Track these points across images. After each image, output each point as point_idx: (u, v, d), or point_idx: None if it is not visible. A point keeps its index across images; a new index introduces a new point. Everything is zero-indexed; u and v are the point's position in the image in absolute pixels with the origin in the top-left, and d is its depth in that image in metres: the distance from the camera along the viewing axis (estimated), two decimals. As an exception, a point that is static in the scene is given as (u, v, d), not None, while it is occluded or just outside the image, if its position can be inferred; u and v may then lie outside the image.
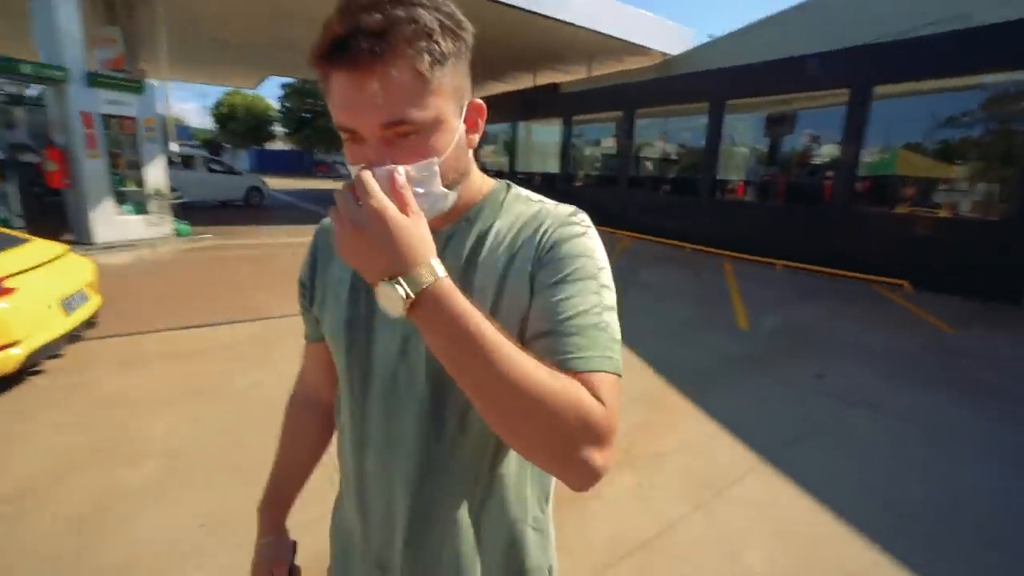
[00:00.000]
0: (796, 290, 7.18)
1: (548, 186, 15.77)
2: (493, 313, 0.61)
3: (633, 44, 14.19)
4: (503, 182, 0.73)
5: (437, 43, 0.52)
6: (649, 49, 14.53)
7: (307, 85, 37.10)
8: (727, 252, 9.56)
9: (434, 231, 0.61)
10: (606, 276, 0.62)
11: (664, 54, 14.40)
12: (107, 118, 7.75)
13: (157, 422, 3.03)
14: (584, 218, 0.66)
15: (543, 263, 0.62)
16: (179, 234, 8.73)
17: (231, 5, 12.82)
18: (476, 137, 0.63)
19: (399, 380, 0.67)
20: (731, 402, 3.64)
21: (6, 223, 6.68)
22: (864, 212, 8.24)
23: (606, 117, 13.53)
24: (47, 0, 7.14)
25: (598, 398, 0.52)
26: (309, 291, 0.79)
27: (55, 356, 3.72)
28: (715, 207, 10.47)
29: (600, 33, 13.27)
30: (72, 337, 3.64)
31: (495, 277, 0.63)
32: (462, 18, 0.56)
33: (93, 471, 2.56)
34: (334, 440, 0.86)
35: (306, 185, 26.70)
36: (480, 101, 0.62)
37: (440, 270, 0.50)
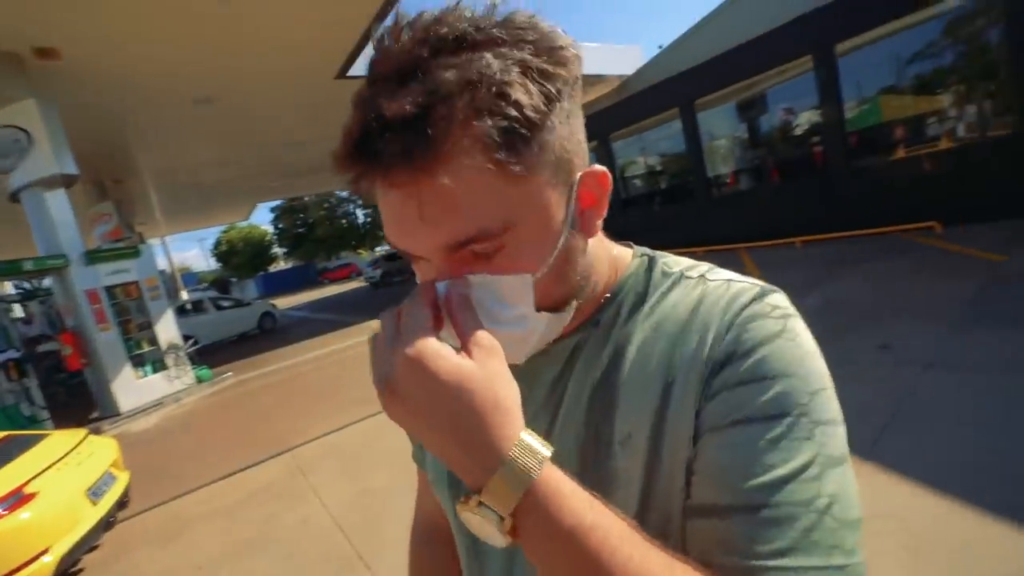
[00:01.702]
0: (827, 262, 6.84)
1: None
2: (650, 471, 0.42)
3: (587, 76, 14.56)
4: (644, 255, 0.52)
5: (517, 104, 0.34)
6: (604, 76, 14.88)
7: (293, 203, 38.74)
8: (740, 245, 9.30)
9: (555, 340, 0.46)
10: (824, 405, 0.39)
11: (620, 76, 14.72)
12: (111, 289, 7.94)
13: (205, 598, 2.78)
14: (779, 301, 0.44)
15: (714, 389, 0.40)
16: (200, 380, 8.71)
17: (203, 150, 13.53)
18: (599, 221, 0.44)
19: (516, 563, 0.49)
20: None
21: (33, 419, 6.70)
22: (865, 165, 8.01)
23: (580, 150, 13.68)
24: (38, 196, 7.50)
25: None
26: None
27: (92, 549, 3.53)
28: (714, 204, 10.32)
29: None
30: (107, 524, 3.45)
31: (648, 415, 0.42)
32: (562, 41, 0.37)
33: None
34: None
35: (315, 295, 27.20)
36: (601, 168, 0.43)
37: (540, 447, 0.34)
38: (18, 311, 12.78)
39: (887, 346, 3.76)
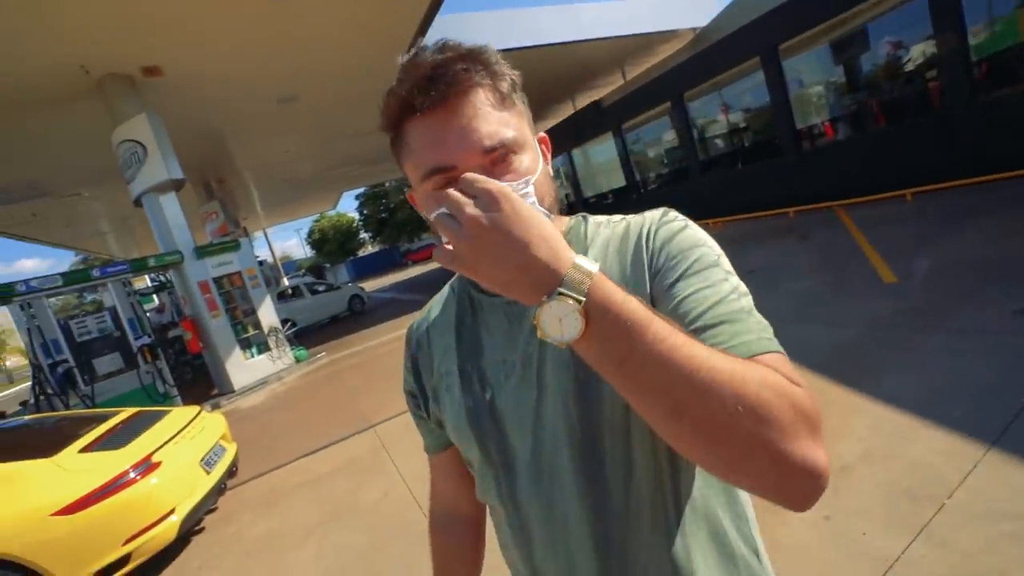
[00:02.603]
0: (945, 216, 5.97)
1: (621, 198, 15.27)
2: None
3: (657, 33, 13.69)
4: (578, 215, 0.69)
5: (508, 76, 0.57)
6: (677, 31, 13.91)
7: (376, 189, 40.56)
8: (837, 202, 8.38)
9: None
10: (728, 264, 0.57)
11: (694, 29, 13.67)
12: (218, 280, 8.83)
13: (300, 558, 3.05)
14: (677, 214, 0.63)
15: (655, 271, 0.57)
16: (298, 360, 9.52)
17: (290, 145, 14.47)
18: (549, 168, 0.63)
19: (543, 459, 0.60)
20: (911, 377, 2.91)
21: (166, 396, 7.69)
22: (997, 98, 6.80)
23: (657, 113, 12.97)
24: (155, 200, 8.46)
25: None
26: (420, 398, 0.75)
27: (212, 511, 4.01)
28: (806, 160, 9.35)
29: (621, 36, 12.98)
30: (219, 490, 3.89)
31: None
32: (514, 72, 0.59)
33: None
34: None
35: (401, 277, 28.55)
36: (544, 134, 0.63)
37: (589, 263, 0.44)
38: (156, 301, 14.65)
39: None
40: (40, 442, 3.62)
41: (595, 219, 0.68)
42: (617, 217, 0.67)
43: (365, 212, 43.48)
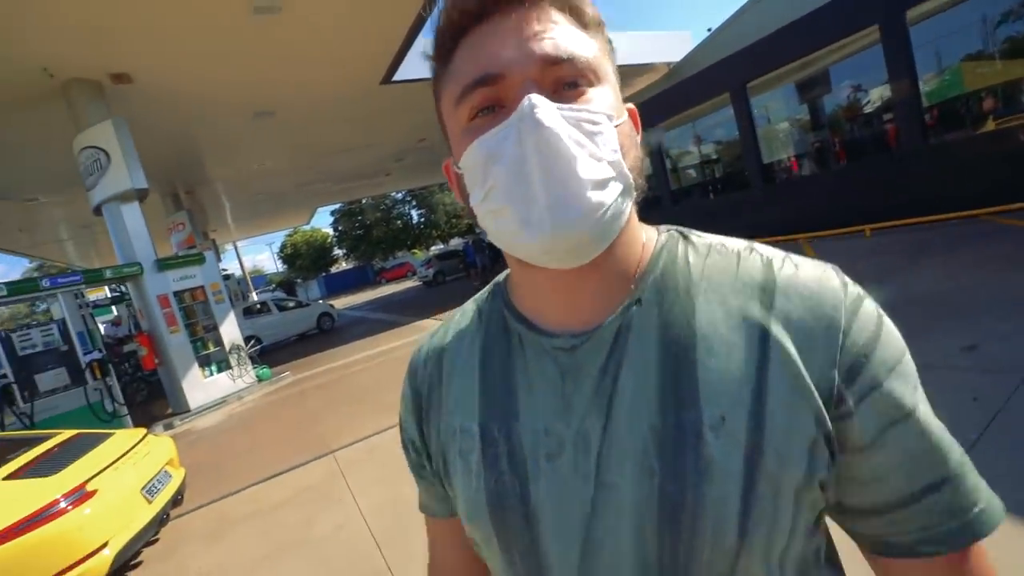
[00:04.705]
0: (900, 252, 6.20)
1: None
2: (752, 461, 0.39)
3: (634, 66, 14.10)
4: (672, 230, 0.50)
5: (591, 9, 0.45)
6: (652, 64, 14.36)
7: (352, 206, 40.27)
8: (803, 235, 8.65)
9: (582, 331, 0.45)
10: None
11: (668, 64, 14.16)
12: (179, 294, 8.52)
13: (241, 598, 2.87)
14: (848, 279, 0.44)
15: (866, 389, 0.40)
16: (261, 379, 9.19)
17: (265, 159, 14.25)
18: (639, 139, 0.47)
19: None
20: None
21: (114, 415, 7.29)
22: (947, 142, 7.20)
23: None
24: (115, 210, 8.16)
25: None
26: (424, 454, 0.56)
27: (152, 543, 3.76)
28: (773, 193, 9.67)
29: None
30: (161, 520, 3.66)
31: (741, 396, 0.40)
32: None
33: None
34: None
35: (373, 295, 28.15)
36: (632, 105, 0.49)
37: None
38: (114, 312, 14.04)
39: (974, 348, 3.31)
40: (-38, 468, 3.34)
41: (701, 239, 0.49)
42: (733, 244, 0.48)
43: (340, 228, 43.02)
